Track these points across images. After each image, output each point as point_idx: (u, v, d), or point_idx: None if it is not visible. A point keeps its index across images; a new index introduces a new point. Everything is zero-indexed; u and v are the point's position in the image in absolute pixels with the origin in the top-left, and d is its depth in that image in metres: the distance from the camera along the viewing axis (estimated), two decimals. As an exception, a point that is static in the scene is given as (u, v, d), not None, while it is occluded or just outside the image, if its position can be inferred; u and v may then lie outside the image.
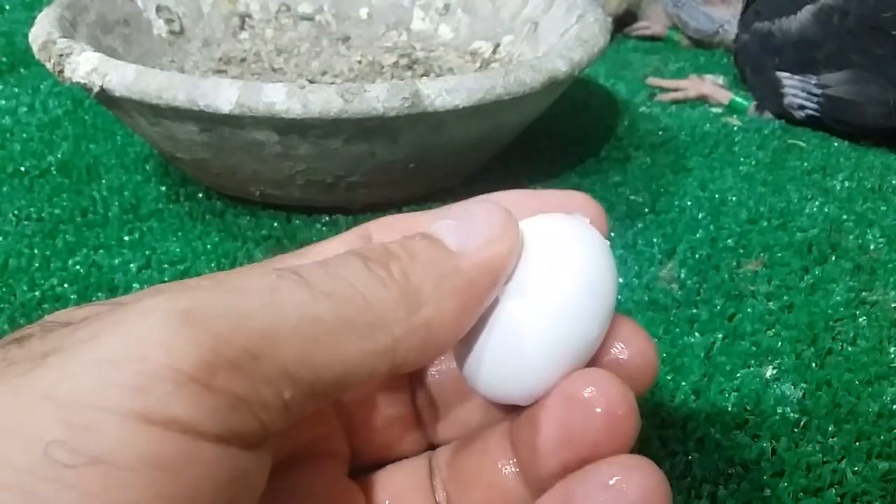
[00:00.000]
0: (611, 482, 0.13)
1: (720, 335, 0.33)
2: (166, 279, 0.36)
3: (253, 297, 0.12)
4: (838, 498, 0.26)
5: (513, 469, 0.16)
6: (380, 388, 0.18)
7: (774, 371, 0.32)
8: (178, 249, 0.38)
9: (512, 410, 0.16)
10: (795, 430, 0.29)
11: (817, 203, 0.44)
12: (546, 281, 0.15)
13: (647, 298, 0.36)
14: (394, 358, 0.13)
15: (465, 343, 0.15)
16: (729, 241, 0.40)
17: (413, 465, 0.18)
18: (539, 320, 0.15)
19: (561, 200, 0.17)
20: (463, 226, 0.15)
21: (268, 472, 0.13)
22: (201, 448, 0.11)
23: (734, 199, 0.44)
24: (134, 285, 0.36)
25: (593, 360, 0.16)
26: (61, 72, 0.36)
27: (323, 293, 0.13)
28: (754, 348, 0.33)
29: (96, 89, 0.35)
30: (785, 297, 0.36)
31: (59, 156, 0.47)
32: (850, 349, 0.33)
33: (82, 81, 0.35)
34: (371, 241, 0.17)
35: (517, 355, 0.15)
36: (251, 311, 0.12)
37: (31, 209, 0.41)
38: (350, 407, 0.18)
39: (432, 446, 0.18)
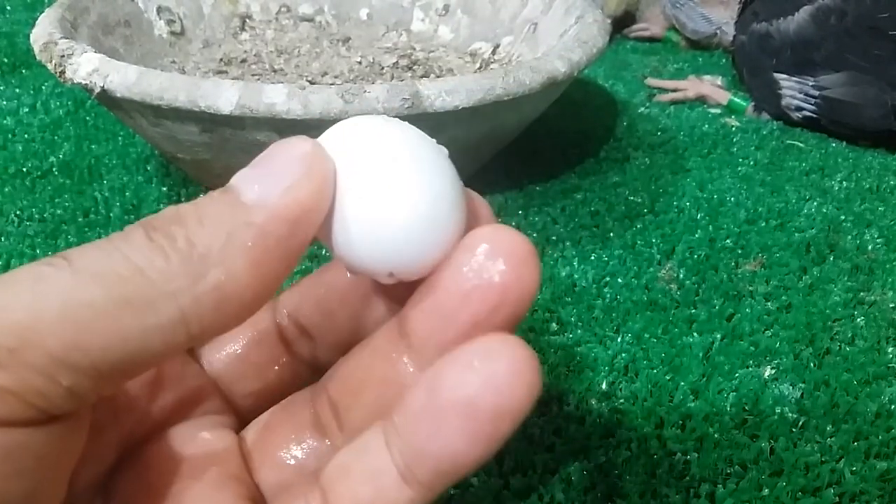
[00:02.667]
0: (475, 360, 0.13)
1: (719, 335, 0.34)
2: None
3: (16, 288, 0.12)
4: (836, 498, 0.26)
5: (404, 359, 0.15)
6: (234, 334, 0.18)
7: (773, 371, 0.32)
8: (178, 250, 0.38)
9: (386, 298, 0.16)
10: (794, 429, 0.29)
11: (815, 203, 0.44)
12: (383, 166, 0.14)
13: (645, 298, 0.36)
14: (188, 329, 0.13)
15: (329, 231, 0.14)
16: (727, 241, 0.40)
17: (294, 398, 0.17)
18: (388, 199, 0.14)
19: None
20: (262, 173, 0.14)
21: (77, 436, 0.13)
22: None
23: (733, 199, 0.44)
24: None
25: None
26: (62, 73, 0.36)
27: (92, 274, 0.12)
28: (753, 348, 0.33)
29: (97, 90, 0.35)
30: (783, 298, 0.36)
31: (60, 156, 0.47)
32: (848, 349, 0.33)
33: (83, 82, 0.35)
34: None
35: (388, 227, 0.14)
36: (10, 303, 0.12)
37: (33, 210, 0.41)
38: (213, 363, 0.18)
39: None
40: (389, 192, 0.14)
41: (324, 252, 0.37)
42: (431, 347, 0.15)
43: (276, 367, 0.18)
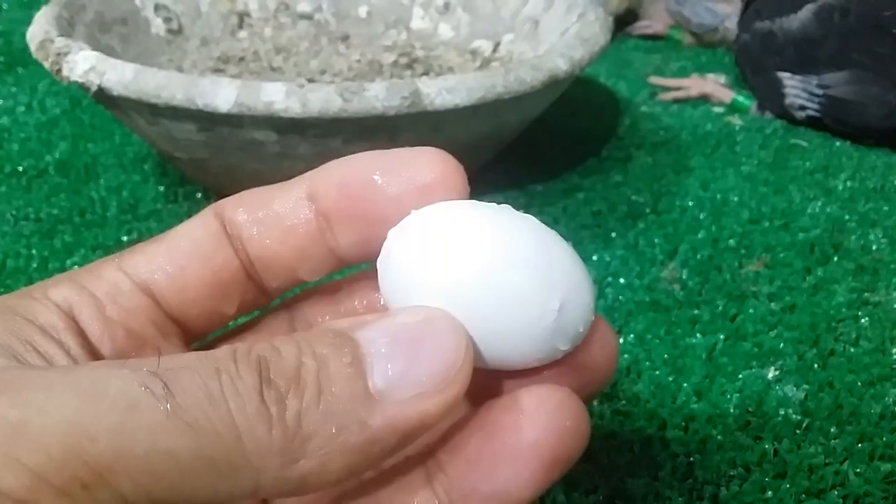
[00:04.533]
0: (539, 408, 0.13)
1: (722, 336, 0.33)
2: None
3: (105, 412, 0.11)
4: (840, 500, 0.26)
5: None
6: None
7: (776, 372, 0.31)
8: (176, 249, 0.38)
9: None
10: (797, 431, 0.29)
11: (819, 203, 0.44)
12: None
13: (648, 299, 0.35)
14: (255, 497, 0.12)
15: None
16: (731, 241, 0.40)
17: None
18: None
19: (410, 156, 0.15)
20: (401, 357, 0.12)
21: None
22: None
23: (736, 199, 0.44)
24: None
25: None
26: (59, 71, 0.36)
27: (188, 424, 0.11)
28: (756, 349, 0.33)
29: (94, 88, 0.35)
30: (787, 298, 0.36)
31: (56, 155, 0.46)
32: (852, 350, 0.33)
33: (80, 80, 0.35)
34: (225, 222, 0.15)
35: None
36: (96, 433, 0.11)
37: (29, 209, 0.41)
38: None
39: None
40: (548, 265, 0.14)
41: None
42: (467, 495, 0.14)
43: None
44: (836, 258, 0.39)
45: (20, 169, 0.45)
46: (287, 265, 0.16)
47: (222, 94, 0.33)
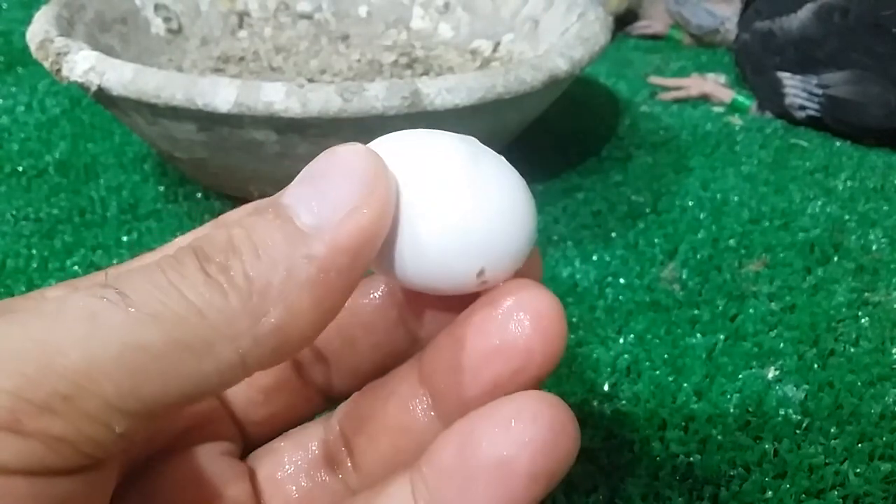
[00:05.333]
0: (513, 420, 0.12)
1: (722, 336, 0.33)
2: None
3: (69, 326, 0.11)
4: (840, 500, 0.26)
5: (425, 405, 0.15)
6: None
7: (776, 372, 0.31)
8: (176, 249, 0.38)
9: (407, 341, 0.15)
10: (797, 431, 0.29)
11: (819, 203, 0.44)
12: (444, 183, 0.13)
13: (648, 299, 0.35)
14: (245, 369, 0.12)
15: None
16: (731, 241, 0.40)
17: (307, 428, 0.17)
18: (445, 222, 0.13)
19: None
20: (318, 192, 0.13)
21: (109, 485, 0.13)
22: (13, 483, 0.11)
23: (736, 198, 0.44)
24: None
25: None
26: (59, 71, 0.36)
27: (149, 315, 0.11)
28: (756, 349, 0.33)
29: (94, 88, 0.35)
30: (787, 298, 0.36)
31: (56, 155, 0.46)
32: (852, 350, 0.33)
33: (80, 80, 0.35)
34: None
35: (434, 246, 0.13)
36: (65, 346, 0.11)
37: (29, 209, 0.41)
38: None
39: (332, 402, 0.17)
40: (471, 189, 0.13)
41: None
42: (452, 402, 0.14)
43: (287, 393, 0.17)
44: (836, 258, 0.39)
45: (20, 169, 0.45)
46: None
47: (222, 94, 0.33)
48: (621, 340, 0.33)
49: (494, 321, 0.13)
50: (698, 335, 0.33)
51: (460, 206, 0.13)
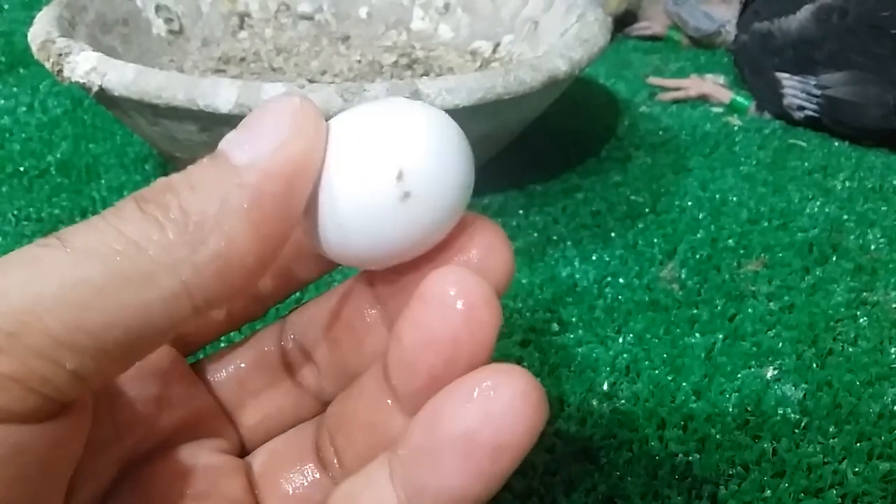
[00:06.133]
0: (475, 393, 0.12)
1: (721, 336, 0.33)
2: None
3: (12, 271, 0.12)
4: (839, 499, 0.26)
5: (389, 401, 0.15)
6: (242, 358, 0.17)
7: (775, 372, 0.32)
8: (177, 249, 0.38)
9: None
10: (796, 430, 0.29)
11: (818, 203, 0.44)
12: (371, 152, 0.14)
13: (647, 299, 0.36)
14: (192, 300, 0.12)
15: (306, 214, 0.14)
16: (730, 241, 0.40)
17: (302, 428, 0.17)
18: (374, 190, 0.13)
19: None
20: (250, 134, 0.13)
21: (79, 438, 0.13)
22: None
23: (735, 199, 0.44)
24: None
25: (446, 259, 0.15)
26: (60, 71, 0.36)
27: (87, 252, 0.12)
28: (755, 349, 0.33)
29: (95, 89, 0.35)
30: (786, 298, 0.36)
31: (58, 156, 0.46)
32: (850, 350, 0.33)
33: (81, 81, 0.35)
34: None
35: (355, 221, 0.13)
36: (6, 287, 0.11)
37: (31, 209, 0.41)
38: (218, 385, 0.17)
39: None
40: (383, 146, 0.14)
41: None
42: (407, 396, 0.14)
43: (280, 395, 0.17)
44: (834, 258, 0.39)
45: (22, 169, 0.45)
46: (282, 265, 0.16)
47: (223, 95, 0.33)
48: (620, 340, 0.33)
49: (423, 313, 0.13)
50: (697, 335, 0.33)
51: (376, 143, 0.14)
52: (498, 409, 0.12)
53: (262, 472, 0.17)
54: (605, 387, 0.30)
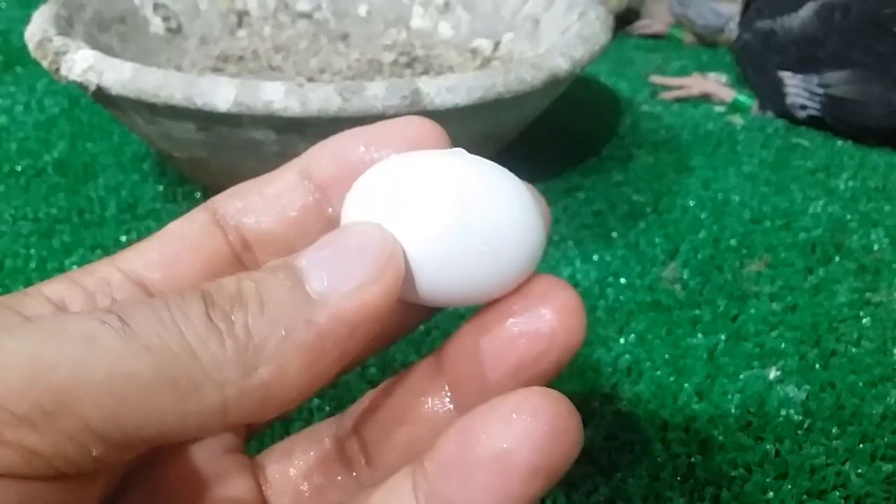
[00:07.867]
0: (514, 414, 0.12)
1: (723, 336, 0.33)
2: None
3: (64, 344, 0.11)
4: (842, 500, 0.26)
5: (443, 396, 0.15)
6: None
7: (778, 372, 0.31)
8: (175, 249, 0.38)
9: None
10: (799, 431, 0.29)
11: (821, 203, 0.44)
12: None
13: (649, 299, 0.35)
14: (225, 417, 0.12)
15: None
16: (732, 241, 0.40)
17: (319, 426, 0.17)
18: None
19: (395, 123, 0.16)
20: (332, 261, 0.13)
21: (93, 493, 0.13)
22: None
23: (737, 198, 0.44)
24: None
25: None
26: (57, 70, 0.36)
27: (144, 346, 0.12)
28: (758, 349, 0.33)
29: (93, 87, 0.34)
30: (788, 298, 0.36)
31: (55, 155, 0.46)
32: (854, 350, 0.33)
33: (79, 80, 0.35)
34: (217, 214, 0.16)
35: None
36: (55, 363, 0.11)
37: (28, 209, 0.41)
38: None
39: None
40: (477, 212, 0.14)
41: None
42: (473, 388, 0.14)
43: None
44: (837, 258, 0.39)
45: (18, 168, 0.45)
46: (286, 244, 0.16)
47: (221, 94, 0.33)
48: (622, 341, 0.33)
49: (519, 307, 0.14)
50: (699, 335, 0.33)
51: (465, 229, 0.14)
52: (537, 431, 0.12)
53: (278, 470, 0.16)
54: (607, 388, 0.30)
